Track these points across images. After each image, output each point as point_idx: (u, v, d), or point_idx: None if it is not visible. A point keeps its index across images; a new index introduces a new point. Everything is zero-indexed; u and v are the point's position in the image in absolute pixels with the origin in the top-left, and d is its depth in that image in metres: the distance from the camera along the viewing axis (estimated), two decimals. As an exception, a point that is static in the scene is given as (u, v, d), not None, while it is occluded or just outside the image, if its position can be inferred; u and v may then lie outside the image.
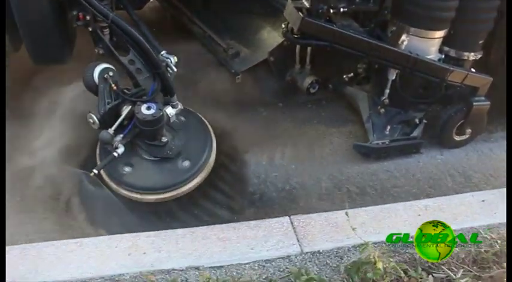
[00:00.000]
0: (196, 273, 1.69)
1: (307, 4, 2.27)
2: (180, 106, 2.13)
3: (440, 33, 2.40)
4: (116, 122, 2.03)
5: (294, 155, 2.49)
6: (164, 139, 2.11)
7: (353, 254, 1.78)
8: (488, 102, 2.55)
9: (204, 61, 2.70)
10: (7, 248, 1.69)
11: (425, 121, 2.63)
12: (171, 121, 2.12)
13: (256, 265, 1.74)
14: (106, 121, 2.02)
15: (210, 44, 2.74)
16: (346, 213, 1.80)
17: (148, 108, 2.01)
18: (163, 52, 2.16)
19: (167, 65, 2.15)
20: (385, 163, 2.54)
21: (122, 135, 2.05)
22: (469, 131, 2.64)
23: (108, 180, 2.09)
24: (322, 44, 2.30)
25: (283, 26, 2.45)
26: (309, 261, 1.75)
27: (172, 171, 2.08)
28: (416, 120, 2.61)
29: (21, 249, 1.78)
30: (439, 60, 2.48)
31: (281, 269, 1.72)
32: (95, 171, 1.98)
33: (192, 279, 1.67)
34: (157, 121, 2.02)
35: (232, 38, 2.73)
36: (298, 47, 2.58)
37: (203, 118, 2.28)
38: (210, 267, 1.72)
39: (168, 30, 2.89)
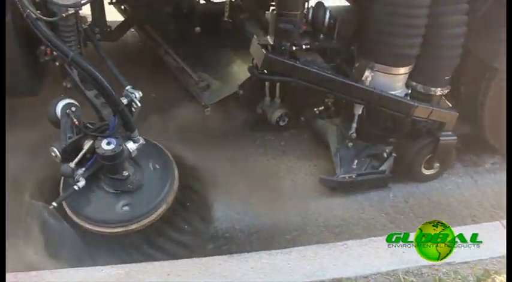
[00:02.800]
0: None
1: (270, 41, 2.32)
2: (141, 140, 2.16)
3: (404, 69, 2.43)
4: (77, 156, 2.07)
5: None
6: (125, 173, 2.14)
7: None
8: (455, 137, 2.57)
9: (176, 93, 2.75)
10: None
11: (395, 155, 2.65)
12: (133, 155, 2.15)
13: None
14: (67, 155, 2.06)
15: (182, 76, 2.79)
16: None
17: (109, 143, 2.04)
18: (128, 87, 2.21)
19: (131, 100, 2.21)
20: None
21: (83, 169, 2.09)
22: (437, 165, 2.65)
23: (69, 212, 2.12)
24: (285, 80, 2.34)
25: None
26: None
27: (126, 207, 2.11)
28: (385, 154, 2.62)
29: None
30: (406, 95, 2.51)
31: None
32: (54, 204, 2.01)
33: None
34: (117, 156, 2.04)
35: (204, 70, 2.78)
36: (267, 80, 2.62)
37: (168, 153, 2.31)
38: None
39: (146, 61, 2.94)
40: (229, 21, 2.81)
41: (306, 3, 2.36)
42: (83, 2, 2.00)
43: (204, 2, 2.97)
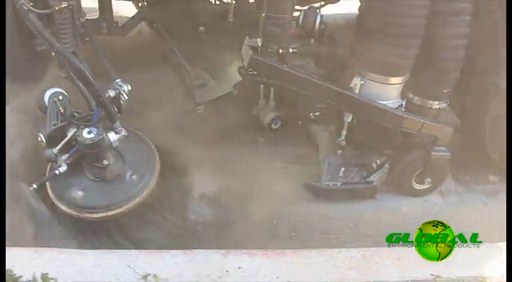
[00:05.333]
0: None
1: (260, 43, 2.34)
2: (123, 132, 2.24)
3: (397, 80, 2.37)
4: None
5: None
6: (106, 162, 2.23)
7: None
8: (448, 153, 2.48)
9: (173, 89, 2.81)
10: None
11: (387, 166, 2.59)
12: (114, 146, 2.23)
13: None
14: (52, 140, 2.16)
15: (181, 73, 2.85)
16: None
17: (89, 132, 2.13)
18: (118, 80, 2.30)
19: (119, 93, 2.29)
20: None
21: (67, 155, 2.19)
22: (428, 180, 2.57)
23: (51, 195, 2.23)
24: (269, 82, 2.35)
25: (244, 62, 2.52)
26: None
27: (105, 194, 2.19)
28: (374, 165, 2.57)
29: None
30: (400, 106, 2.45)
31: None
32: (34, 186, 2.13)
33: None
34: (96, 145, 2.13)
35: (203, 69, 2.83)
36: (262, 82, 2.64)
37: (152, 145, 2.38)
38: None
39: (150, 57, 3.03)
40: (233, 23, 2.85)
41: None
42: (76, -4, 2.12)
43: (212, 2, 3.01)
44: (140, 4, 3.21)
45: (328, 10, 2.94)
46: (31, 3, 2.03)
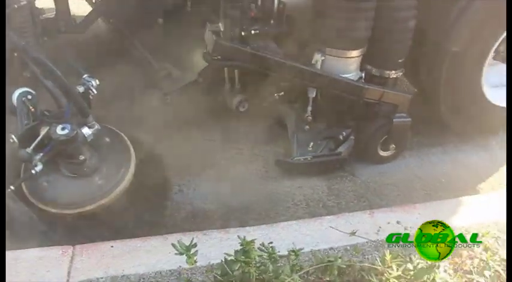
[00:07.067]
0: None
1: (222, 28, 2.41)
2: (97, 126, 2.26)
3: (355, 53, 2.50)
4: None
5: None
6: (82, 157, 2.24)
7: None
8: (409, 119, 2.63)
9: (138, 82, 2.84)
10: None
11: (353, 138, 2.72)
12: (88, 140, 2.24)
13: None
14: (25, 140, 2.16)
15: (146, 66, 2.87)
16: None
17: (63, 128, 2.15)
18: (85, 75, 2.32)
19: (88, 88, 2.31)
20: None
21: (41, 154, 2.19)
22: (392, 146, 2.72)
23: (28, 195, 2.22)
24: (235, 65, 2.43)
25: (206, 48, 2.58)
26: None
27: (83, 189, 2.21)
28: (341, 137, 2.69)
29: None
30: (360, 78, 2.58)
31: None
32: (12, 187, 2.12)
33: None
34: (70, 140, 2.14)
35: (167, 60, 2.86)
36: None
37: (125, 137, 2.41)
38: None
39: (111, 52, 3.03)
40: (191, 12, 2.89)
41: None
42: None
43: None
44: (94, 1, 3.21)
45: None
46: (-10, 4, 2.02)
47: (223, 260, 1.50)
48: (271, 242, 1.58)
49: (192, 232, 2.08)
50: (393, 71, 2.58)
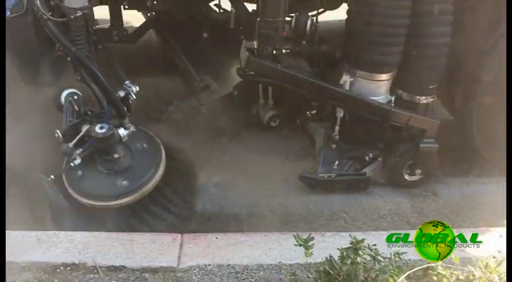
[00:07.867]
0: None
1: (256, 45, 2.55)
2: (132, 128, 2.45)
3: (385, 76, 2.55)
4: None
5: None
6: (116, 155, 2.44)
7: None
8: (436, 145, 2.63)
9: (179, 91, 3.03)
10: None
11: (380, 160, 2.75)
12: (123, 140, 2.44)
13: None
14: (68, 136, 2.38)
15: (187, 78, 3.07)
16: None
17: (101, 128, 2.36)
18: (127, 82, 2.53)
19: (128, 93, 2.52)
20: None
21: (81, 149, 2.41)
22: (418, 171, 2.72)
23: (66, 185, 2.44)
24: (266, 81, 2.55)
25: (243, 64, 2.73)
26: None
27: (111, 185, 2.40)
28: (367, 157, 2.73)
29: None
30: (389, 102, 2.62)
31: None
32: (52, 176, 2.35)
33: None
34: (107, 139, 2.35)
35: (207, 73, 3.04)
36: (261, 82, 2.84)
37: (158, 140, 2.59)
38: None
39: (158, 62, 3.26)
40: (234, 29, 3.06)
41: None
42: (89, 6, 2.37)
43: (216, 11, 3.23)
44: (148, 14, 3.47)
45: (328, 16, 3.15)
46: (50, 13, 2.28)
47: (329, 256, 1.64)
48: (374, 244, 1.65)
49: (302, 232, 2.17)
50: (423, 97, 2.60)
